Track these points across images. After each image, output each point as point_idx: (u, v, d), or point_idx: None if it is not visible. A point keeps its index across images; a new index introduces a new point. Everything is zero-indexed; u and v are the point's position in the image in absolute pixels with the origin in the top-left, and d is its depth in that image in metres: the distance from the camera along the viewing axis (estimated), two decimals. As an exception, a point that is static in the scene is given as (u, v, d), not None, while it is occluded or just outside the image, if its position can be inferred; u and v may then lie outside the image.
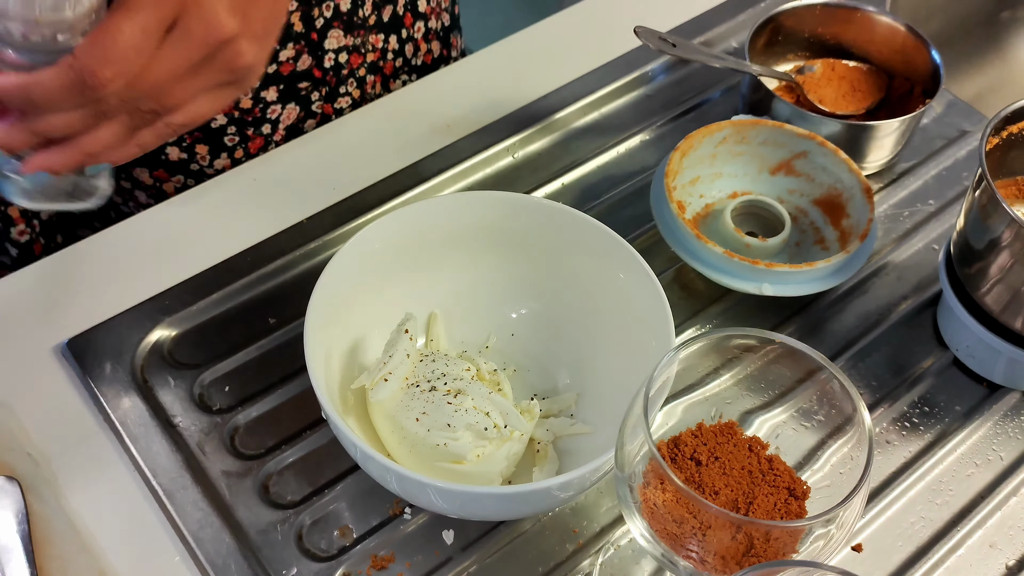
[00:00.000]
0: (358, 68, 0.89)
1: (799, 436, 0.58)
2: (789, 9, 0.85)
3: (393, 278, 0.69)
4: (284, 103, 0.85)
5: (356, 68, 0.88)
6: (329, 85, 0.87)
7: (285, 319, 0.73)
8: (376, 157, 0.83)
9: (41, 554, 0.62)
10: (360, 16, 0.86)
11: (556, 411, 0.69)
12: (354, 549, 0.64)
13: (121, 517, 0.64)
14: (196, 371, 0.71)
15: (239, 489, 0.65)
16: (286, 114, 0.86)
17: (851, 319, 0.76)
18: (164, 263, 0.75)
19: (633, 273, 0.66)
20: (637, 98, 0.89)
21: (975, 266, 0.68)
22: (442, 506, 0.60)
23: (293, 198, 0.80)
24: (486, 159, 0.83)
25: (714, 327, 0.75)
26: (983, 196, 0.66)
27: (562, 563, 0.64)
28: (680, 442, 0.55)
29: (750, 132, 0.78)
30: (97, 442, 0.67)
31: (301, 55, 0.83)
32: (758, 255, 0.75)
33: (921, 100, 0.83)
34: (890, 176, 0.85)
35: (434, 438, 0.61)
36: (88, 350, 0.70)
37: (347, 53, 0.87)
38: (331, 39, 0.85)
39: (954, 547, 0.65)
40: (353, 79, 0.89)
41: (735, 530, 0.49)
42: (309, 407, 0.69)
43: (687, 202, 0.79)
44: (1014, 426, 0.71)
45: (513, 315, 0.72)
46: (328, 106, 0.88)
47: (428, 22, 0.94)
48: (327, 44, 0.85)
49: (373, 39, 0.88)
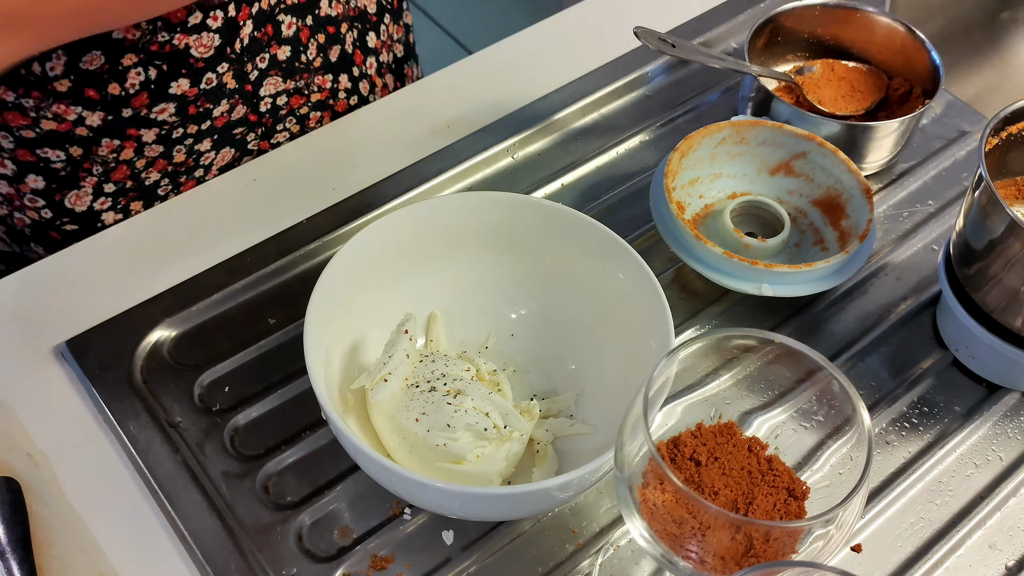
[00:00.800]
0: (299, 107, 0.87)
1: (798, 436, 0.58)
2: (789, 9, 0.85)
3: (393, 278, 0.69)
4: (218, 149, 0.84)
5: (297, 108, 0.87)
6: (265, 126, 0.86)
7: (285, 319, 0.74)
8: (376, 157, 0.83)
9: (41, 554, 0.62)
10: (302, 61, 0.84)
11: (556, 411, 0.69)
12: (354, 549, 0.64)
13: (121, 517, 0.64)
14: (196, 371, 0.71)
15: (239, 489, 0.65)
16: (220, 157, 0.85)
17: (851, 319, 0.76)
18: (164, 263, 0.75)
19: (633, 273, 0.66)
20: (637, 99, 0.90)
21: (974, 267, 0.69)
22: (442, 506, 0.60)
23: (293, 198, 0.80)
24: (486, 159, 0.83)
25: (714, 327, 0.75)
26: (983, 196, 0.66)
27: (562, 563, 0.64)
28: (680, 442, 0.55)
29: (749, 133, 0.78)
30: (97, 442, 0.67)
31: (235, 107, 0.82)
32: (757, 255, 0.75)
33: (921, 100, 0.83)
34: (889, 176, 0.85)
35: (434, 438, 0.61)
36: (88, 350, 0.70)
37: (287, 96, 0.85)
38: (267, 87, 0.83)
39: (954, 547, 0.65)
40: (293, 117, 0.87)
41: (734, 530, 0.49)
42: (309, 407, 0.69)
43: (686, 202, 0.79)
44: (1014, 426, 0.71)
45: (513, 315, 0.72)
46: (265, 143, 0.87)
47: (380, 56, 0.92)
48: (263, 91, 0.83)
49: (320, 80, 0.87)
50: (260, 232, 0.77)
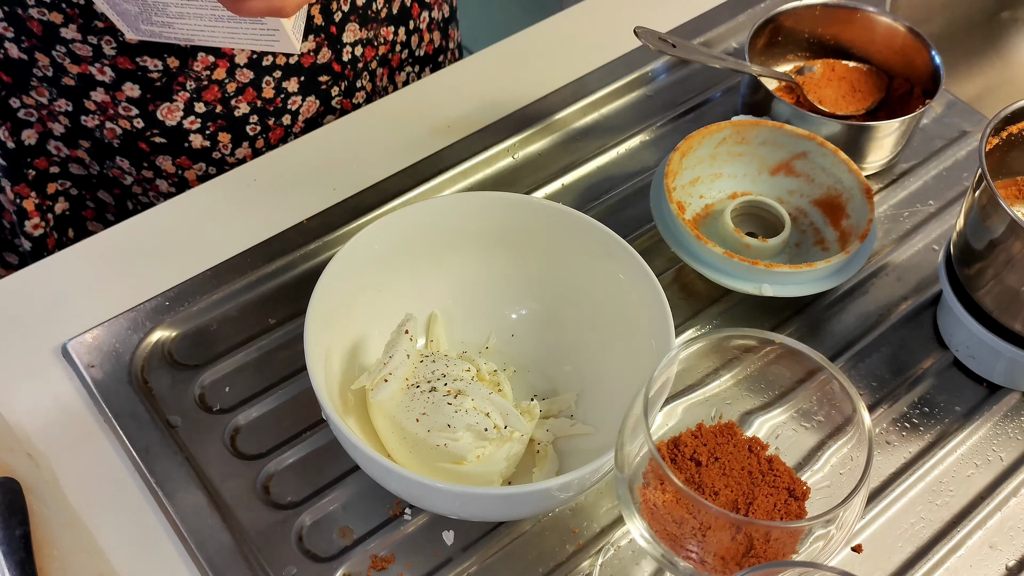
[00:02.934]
0: (371, 61, 0.90)
1: (799, 437, 0.58)
2: (789, 9, 0.85)
3: (393, 278, 0.69)
4: (304, 95, 0.87)
5: (369, 61, 0.90)
6: (347, 79, 0.88)
7: (285, 319, 0.73)
8: (376, 158, 0.83)
9: (41, 554, 0.62)
10: (374, 9, 0.88)
11: (556, 412, 0.69)
12: (354, 550, 0.64)
13: (121, 517, 0.64)
14: (196, 371, 0.71)
15: (239, 489, 0.65)
16: (306, 106, 0.87)
17: (851, 319, 0.76)
18: (164, 263, 0.75)
19: (633, 273, 0.66)
20: (637, 98, 0.89)
21: (975, 266, 0.68)
22: (442, 507, 0.60)
23: (293, 198, 0.80)
24: (486, 159, 0.83)
25: (714, 328, 0.75)
26: (983, 196, 0.66)
27: (562, 564, 0.64)
28: (680, 443, 0.55)
29: (750, 133, 0.78)
30: (97, 442, 0.67)
31: (321, 48, 0.85)
32: (758, 255, 0.75)
33: (921, 100, 0.83)
34: (890, 176, 0.85)
35: (434, 439, 0.61)
36: (88, 350, 0.70)
37: (362, 46, 0.88)
38: (348, 32, 0.86)
39: (954, 548, 0.65)
40: (367, 72, 0.90)
41: (735, 531, 0.49)
42: (309, 407, 0.69)
43: (687, 202, 0.79)
44: (1014, 427, 0.71)
45: (513, 316, 0.72)
46: (347, 101, 0.90)
47: (432, 12, 0.95)
48: (345, 38, 0.86)
49: (384, 32, 0.90)
50: (260, 232, 0.77)
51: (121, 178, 0.87)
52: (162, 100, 0.82)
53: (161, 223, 0.78)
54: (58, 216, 0.89)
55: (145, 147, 0.85)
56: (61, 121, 0.83)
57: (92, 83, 0.80)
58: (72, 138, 0.85)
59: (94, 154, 0.86)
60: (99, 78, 0.80)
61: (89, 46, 0.78)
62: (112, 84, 0.81)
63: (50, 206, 0.88)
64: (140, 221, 0.78)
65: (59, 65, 0.79)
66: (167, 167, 0.86)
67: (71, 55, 0.78)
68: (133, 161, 0.86)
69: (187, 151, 0.85)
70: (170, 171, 0.86)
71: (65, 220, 0.90)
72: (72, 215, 0.90)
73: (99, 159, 0.86)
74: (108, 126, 0.83)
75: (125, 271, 0.75)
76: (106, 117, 0.83)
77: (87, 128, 0.84)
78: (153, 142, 0.84)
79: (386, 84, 0.94)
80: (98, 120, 0.83)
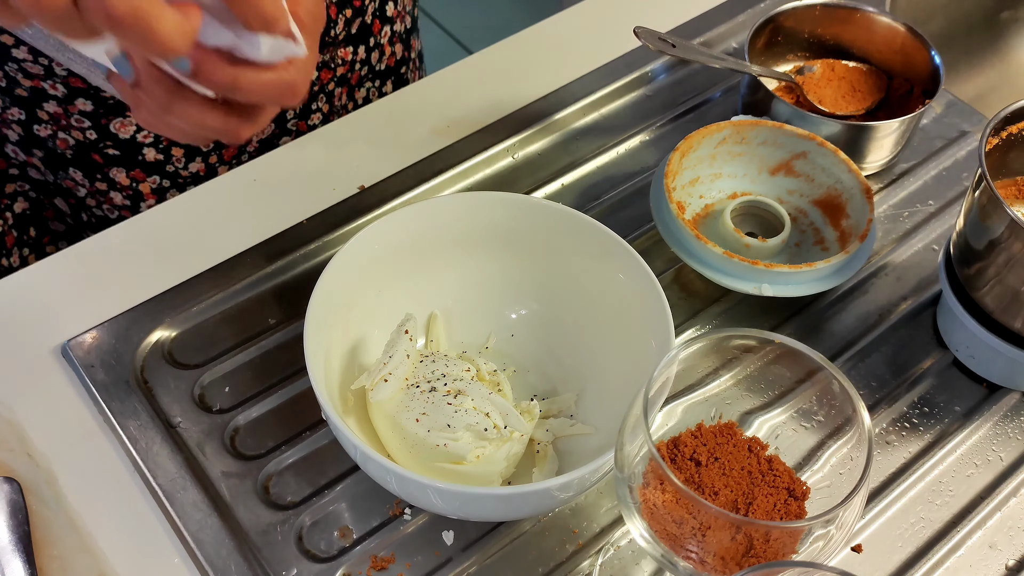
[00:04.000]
0: (328, 83, 0.90)
1: (799, 437, 0.58)
2: (789, 9, 0.85)
3: (393, 278, 0.69)
4: None
5: (327, 83, 0.89)
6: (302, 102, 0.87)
7: (285, 319, 0.74)
8: (376, 158, 0.83)
9: (41, 554, 0.62)
10: (331, 35, 0.87)
11: (556, 412, 0.69)
12: (354, 550, 0.64)
13: (121, 517, 0.64)
14: (196, 371, 0.71)
15: (239, 490, 0.65)
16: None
17: (851, 319, 0.76)
18: (164, 263, 0.75)
19: (633, 273, 0.66)
20: (637, 98, 0.89)
21: (975, 266, 0.68)
22: (442, 507, 0.60)
23: (293, 198, 0.80)
24: (486, 159, 0.83)
25: (714, 327, 0.75)
26: (983, 196, 0.66)
27: (562, 564, 0.64)
28: (680, 443, 0.55)
29: (750, 133, 0.78)
30: (97, 442, 0.67)
31: None
32: (758, 255, 0.75)
33: (921, 100, 0.83)
34: (890, 176, 0.85)
35: (434, 439, 0.61)
36: (88, 350, 0.70)
37: (317, 70, 0.87)
38: None
39: (954, 548, 0.65)
40: (323, 94, 0.90)
41: (735, 531, 0.49)
42: (309, 407, 0.69)
43: (687, 202, 0.79)
44: (1014, 427, 0.71)
45: (513, 316, 0.72)
46: (302, 123, 0.90)
47: (394, 25, 0.94)
48: None
49: (342, 52, 0.89)
50: (260, 232, 0.77)
51: (75, 189, 0.87)
52: (115, 116, 0.82)
53: (161, 223, 0.78)
54: (17, 215, 0.88)
55: (99, 158, 0.84)
56: (15, 129, 0.83)
57: (44, 96, 0.80)
58: (26, 146, 0.84)
59: (48, 163, 0.85)
60: (51, 92, 0.80)
61: (40, 66, 0.78)
62: (64, 99, 0.80)
63: (8, 204, 0.87)
64: (140, 221, 0.78)
65: (12, 79, 0.79)
66: (121, 179, 0.85)
67: (23, 71, 0.78)
68: (86, 172, 0.85)
69: (141, 164, 0.85)
70: (124, 183, 0.86)
71: (25, 219, 0.89)
72: (32, 215, 0.90)
73: (52, 169, 0.86)
74: (61, 136, 0.83)
75: (125, 271, 0.75)
76: (59, 127, 0.82)
77: (40, 137, 0.83)
78: (107, 154, 0.84)
79: (345, 102, 0.93)
80: (51, 130, 0.82)
